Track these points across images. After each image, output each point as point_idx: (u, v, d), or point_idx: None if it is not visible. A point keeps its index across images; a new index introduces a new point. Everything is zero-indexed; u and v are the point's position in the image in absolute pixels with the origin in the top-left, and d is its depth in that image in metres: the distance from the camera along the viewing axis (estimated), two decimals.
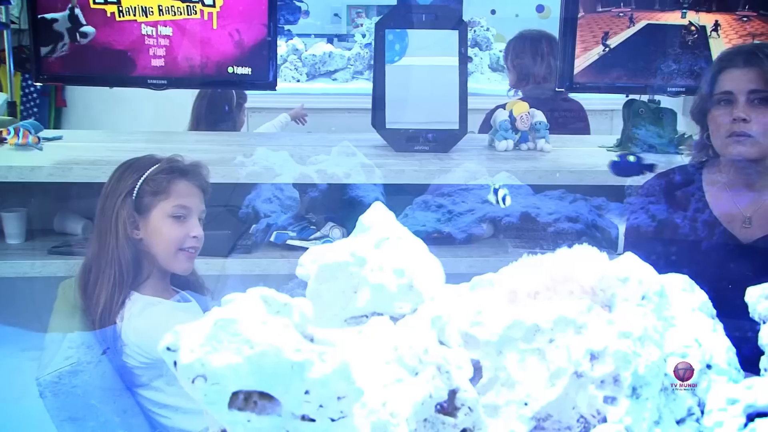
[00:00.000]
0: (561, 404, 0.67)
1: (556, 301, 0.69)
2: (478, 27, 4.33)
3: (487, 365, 0.70)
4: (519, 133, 2.73)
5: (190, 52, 2.55)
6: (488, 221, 1.93)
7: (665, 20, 2.86)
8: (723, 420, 0.65)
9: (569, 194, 2.00)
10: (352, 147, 1.82)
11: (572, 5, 2.74)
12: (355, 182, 1.82)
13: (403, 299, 0.68)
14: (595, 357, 0.66)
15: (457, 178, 2.02)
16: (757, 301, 0.77)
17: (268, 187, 1.79)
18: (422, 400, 0.60)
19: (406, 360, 0.61)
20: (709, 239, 1.59)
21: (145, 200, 1.65)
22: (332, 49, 4.24)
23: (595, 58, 2.90)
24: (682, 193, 1.66)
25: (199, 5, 2.55)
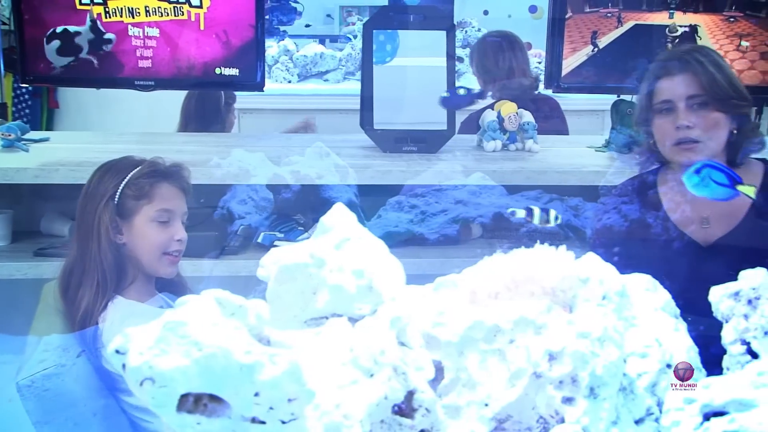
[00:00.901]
0: (521, 405, 0.67)
1: (517, 301, 0.69)
2: (469, 27, 4.34)
3: (448, 366, 0.70)
4: (507, 134, 2.73)
5: (177, 54, 2.55)
6: (463, 221, 1.93)
7: (653, 21, 2.86)
8: (680, 419, 0.65)
9: (546, 194, 2.00)
10: (325, 148, 1.82)
11: (560, 6, 2.74)
12: (330, 183, 1.82)
13: (363, 300, 0.68)
14: (554, 357, 0.66)
15: (432, 179, 2.02)
16: (720, 300, 0.78)
17: (243, 188, 1.79)
18: (377, 402, 0.60)
19: (361, 361, 0.61)
20: (670, 242, 1.60)
21: (128, 204, 1.64)
22: (323, 50, 4.24)
23: (584, 58, 2.90)
24: (640, 200, 1.68)
25: (186, 6, 2.55)
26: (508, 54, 3.16)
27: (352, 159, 2.49)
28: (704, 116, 1.55)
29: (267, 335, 0.60)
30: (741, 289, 0.78)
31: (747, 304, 0.77)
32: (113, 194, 1.63)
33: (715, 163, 1.21)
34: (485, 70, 3.12)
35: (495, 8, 5.12)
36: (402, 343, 0.69)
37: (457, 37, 4.31)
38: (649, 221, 1.65)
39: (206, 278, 2.11)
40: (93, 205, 1.64)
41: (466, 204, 1.87)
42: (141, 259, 1.64)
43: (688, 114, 1.56)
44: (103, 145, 2.59)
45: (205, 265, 2.13)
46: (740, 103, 1.58)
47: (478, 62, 3.16)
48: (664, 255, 1.62)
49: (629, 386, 0.68)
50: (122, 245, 1.64)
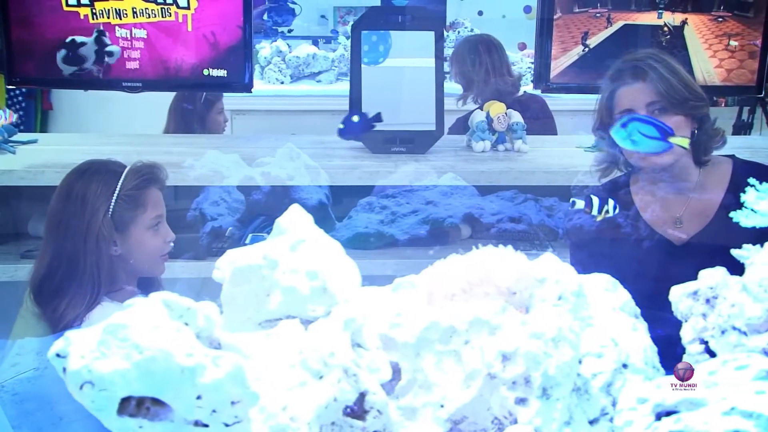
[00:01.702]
0: (476, 406, 0.67)
1: (472, 302, 0.69)
2: (461, 28, 4.34)
3: (405, 367, 0.70)
4: (496, 134, 2.73)
5: (164, 55, 2.55)
6: (432, 222, 1.93)
7: (642, 20, 2.86)
8: (633, 419, 0.65)
9: (521, 195, 2.00)
10: (296, 149, 1.82)
11: (548, 6, 2.74)
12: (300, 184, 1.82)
13: (317, 302, 0.68)
14: (507, 358, 0.66)
15: (404, 179, 2.02)
16: (680, 299, 0.78)
17: (216, 189, 1.79)
18: (326, 404, 0.60)
19: (310, 363, 0.61)
20: (644, 242, 1.61)
21: (124, 217, 1.61)
22: (316, 51, 4.24)
23: (574, 58, 2.90)
24: (613, 200, 1.68)
25: (173, 8, 2.55)
26: (484, 57, 3.17)
27: (341, 160, 2.49)
28: (665, 121, 1.56)
29: (217, 338, 0.60)
30: (699, 289, 0.78)
31: (705, 304, 0.77)
32: (107, 208, 1.59)
33: (642, 115, 1.19)
34: (462, 74, 3.14)
35: (489, 9, 5.13)
36: (358, 345, 0.69)
37: (450, 38, 4.31)
38: (622, 221, 1.66)
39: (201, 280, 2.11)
40: (81, 216, 1.59)
41: (436, 204, 1.87)
42: (137, 266, 1.64)
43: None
44: (91, 147, 2.60)
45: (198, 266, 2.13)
46: (698, 104, 1.60)
47: (456, 67, 3.18)
48: (638, 255, 1.63)
49: (584, 386, 0.68)
50: (117, 256, 1.62)
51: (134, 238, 1.62)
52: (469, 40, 3.23)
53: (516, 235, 1.91)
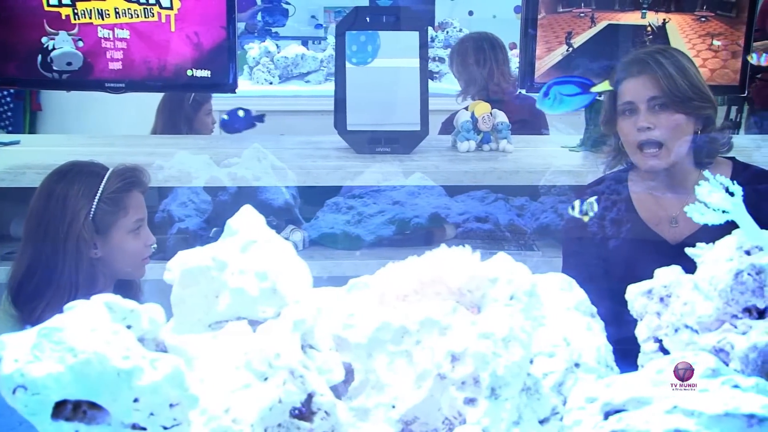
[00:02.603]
0: (427, 406, 0.67)
1: (424, 302, 0.69)
2: (450, 28, 4.34)
3: (358, 368, 0.70)
4: (481, 134, 2.73)
5: (148, 55, 2.54)
6: (399, 222, 1.93)
7: (626, 20, 2.87)
8: (581, 418, 0.64)
9: (491, 195, 2.01)
10: (263, 150, 1.81)
11: (532, 6, 2.75)
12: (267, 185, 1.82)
13: (266, 303, 0.68)
14: (456, 358, 0.66)
15: (371, 180, 2.02)
16: (635, 298, 0.78)
17: (184, 190, 1.79)
18: (270, 405, 0.59)
19: (254, 365, 0.61)
20: (640, 242, 1.61)
21: (105, 220, 1.60)
22: (305, 51, 4.24)
23: (559, 58, 2.90)
24: (611, 199, 1.68)
25: (156, 8, 2.54)
26: (489, 54, 3.17)
27: (325, 161, 2.49)
28: (665, 118, 1.55)
29: (162, 339, 0.60)
30: (653, 288, 0.78)
31: (659, 302, 0.77)
32: (88, 211, 1.58)
33: (559, 78, 1.19)
34: (467, 71, 3.12)
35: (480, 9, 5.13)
36: (310, 346, 0.69)
37: (438, 37, 4.31)
38: (620, 220, 1.66)
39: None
40: (62, 218, 1.58)
41: (403, 205, 1.87)
42: (117, 269, 1.63)
43: (649, 115, 1.57)
44: (74, 148, 2.59)
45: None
46: (702, 105, 1.58)
47: (459, 64, 3.16)
48: (634, 253, 1.62)
49: (534, 386, 0.68)
50: (97, 259, 1.61)
51: (115, 241, 1.62)
52: (472, 38, 3.21)
53: (482, 234, 1.91)
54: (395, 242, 2.36)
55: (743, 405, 0.58)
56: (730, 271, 0.72)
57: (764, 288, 0.72)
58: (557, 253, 2.50)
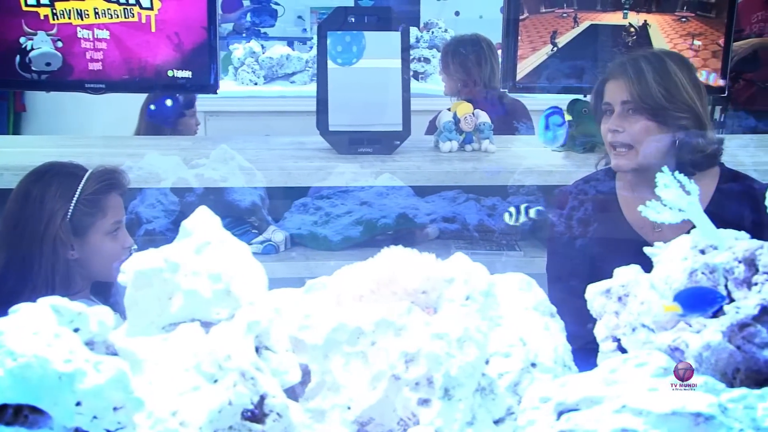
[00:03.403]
0: (382, 407, 0.66)
1: (380, 303, 0.69)
2: (435, 28, 4.34)
3: (315, 369, 0.70)
4: (463, 134, 2.73)
5: (128, 56, 2.52)
6: (366, 223, 1.93)
7: (608, 20, 2.88)
8: (535, 418, 0.64)
9: (463, 195, 2.01)
10: (230, 151, 1.81)
11: (514, 7, 2.75)
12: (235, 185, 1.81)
13: (220, 305, 0.68)
14: (410, 359, 0.65)
15: (339, 181, 2.02)
16: (593, 298, 0.78)
17: (152, 192, 1.78)
18: (219, 408, 0.59)
19: (204, 367, 0.61)
20: (623, 243, 1.60)
21: (83, 221, 1.59)
22: (290, 52, 4.23)
23: (543, 58, 2.91)
24: (598, 199, 1.67)
25: (136, 8, 2.53)
26: (488, 56, 3.17)
27: (307, 161, 2.49)
28: (635, 123, 1.54)
29: (112, 342, 0.59)
30: (612, 287, 0.78)
31: (617, 301, 0.77)
32: (66, 212, 1.57)
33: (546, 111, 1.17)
34: (465, 71, 3.12)
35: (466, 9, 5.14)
36: (266, 347, 0.68)
37: (424, 38, 4.32)
38: (605, 220, 1.65)
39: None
40: (39, 219, 1.57)
41: (371, 205, 1.87)
42: (95, 271, 1.62)
43: (620, 119, 1.57)
44: (54, 149, 2.57)
45: None
46: (678, 115, 1.54)
47: (455, 63, 3.16)
48: (616, 254, 1.62)
49: (489, 386, 0.68)
50: (74, 260, 1.60)
51: (92, 242, 1.61)
52: (470, 39, 3.22)
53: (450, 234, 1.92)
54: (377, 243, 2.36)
55: (690, 404, 0.59)
56: (685, 270, 0.73)
57: (718, 287, 0.72)
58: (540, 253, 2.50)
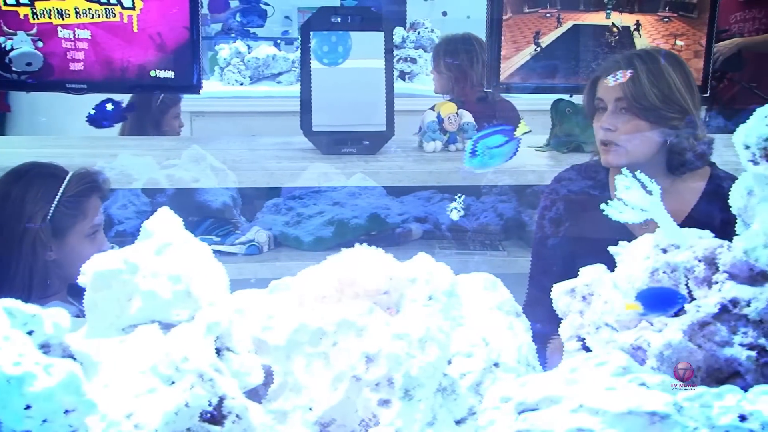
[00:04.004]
0: (344, 408, 0.66)
1: (342, 304, 0.69)
2: (422, 29, 4.34)
3: (277, 370, 0.70)
4: (447, 134, 2.74)
5: (110, 56, 2.51)
6: (337, 223, 1.93)
7: (591, 21, 2.89)
8: (495, 418, 0.64)
9: (438, 194, 2.01)
10: (201, 151, 1.80)
11: (497, 6, 2.76)
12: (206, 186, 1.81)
13: (180, 306, 0.67)
14: (371, 360, 0.65)
15: (310, 181, 2.02)
16: (559, 297, 0.78)
17: (124, 193, 1.77)
18: (175, 410, 0.59)
19: (160, 369, 0.60)
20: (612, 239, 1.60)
21: (63, 222, 1.58)
22: (276, 52, 4.22)
23: (527, 58, 2.92)
24: (590, 192, 1.67)
25: (118, 8, 2.52)
26: (482, 55, 3.18)
27: (290, 162, 2.48)
28: (627, 122, 1.54)
29: (68, 344, 0.59)
30: (576, 286, 0.78)
31: (582, 301, 0.78)
32: (46, 213, 1.56)
33: (480, 133, 1.16)
34: (460, 69, 3.13)
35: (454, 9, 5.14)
36: (228, 348, 0.68)
37: (410, 38, 4.32)
38: (593, 217, 1.65)
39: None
40: (18, 219, 1.56)
41: (343, 205, 1.87)
42: (72, 273, 1.60)
43: (612, 116, 1.57)
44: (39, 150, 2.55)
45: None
46: (671, 116, 1.54)
47: (444, 64, 3.16)
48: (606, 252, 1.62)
49: (451, 386, 0.68)
50: (51, 261, 1.59)
51: (71, 244, 1.60)
52: (463, 38, 3.22)
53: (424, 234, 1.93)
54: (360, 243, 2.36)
55: (646, 403, 0.59)
56: (646, 269, 0.73)
57: (679, 286, 0.73)
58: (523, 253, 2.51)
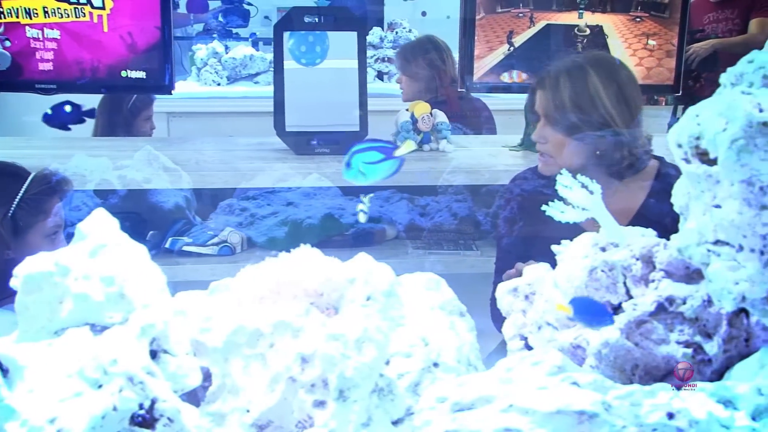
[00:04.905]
0: (280, 410, 0.66)
1: (280, 305, 0.68)
2: (400, 28, 4.34)
3: (215, 372, 0.69)
4: (421, 134, 2.74)
5: (79, 56, 2.48)
6: (291, 224, 1.92)
7: (564, 20, 2.91)
8: (431, 419, 0.64)
9: (397, 194, 2.01)
10: (154, 152, 1.79)
11: (470, 7, 2.77)
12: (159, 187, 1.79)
13: (113, 308, 0.66)
14: (306, 361, 0.65)
15: (267, 181, 2.01)
16: (502, 296, 0.78)
17: (78, 194, 1.76)
18: (102, 414, 0.58)
19: (88, 372, 0.59)
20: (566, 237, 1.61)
21: (23, 221, 1.57)
22: (253, 52, 4.20)
23: (501, 57, 2.93)
24: (543, 192, 1.68)
25: (87, 7, 2.49)
26: (444, 55, 3.19)
27: (263, 162, 2.47)
28: (552, 135, 1.57)
29: None
30: (519, 286, 0.78)
31: (524, 300, 0.78)
32: (6, 211, 1.55)
33: (359, 145, 1.14)
34: (436, 71, 3.14)
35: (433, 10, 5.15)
36: (165, 351, 0.67)
37: (388, 38, 4.32)
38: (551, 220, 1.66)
39: None
40: None
41: (297, 206, 1.87)
42: None
43: (542, 128, 1.61)
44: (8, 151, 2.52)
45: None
46: (593, 130, 1.53)
47: (402, 68, 3.18)
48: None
49: (388, 387, 0.67)
50: (9, 260, 1.57)
51: (31, 244, 1.58)
52: (429, 39, 3.24)
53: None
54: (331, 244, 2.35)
55: (575, 402, 0.59)
56: (585, 268, 0.73)
57: (617, 284, 0.73)
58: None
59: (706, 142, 0.63)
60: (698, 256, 0.65)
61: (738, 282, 0.62)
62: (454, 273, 2.49)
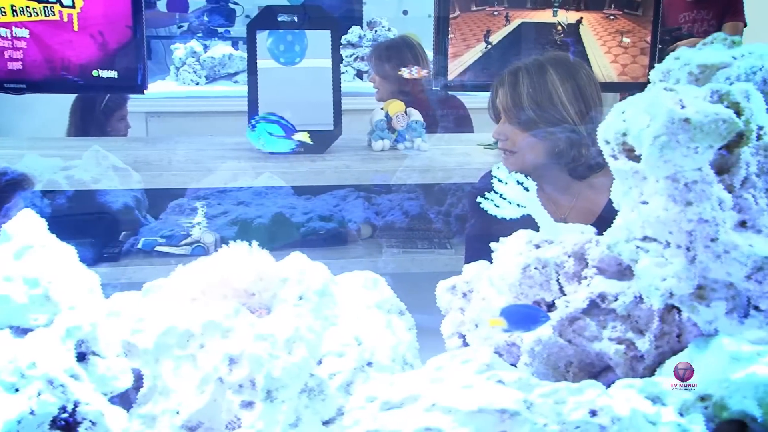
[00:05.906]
0: (210, 411, 0.65)
1: (210, 305, 0.67)
2: (379, 27, 4.33)
3: (147, 374, 0.68)
4: (396, 133, 2.74)
5: (50, 55, 2.46)
6: (241, 223, 1.91)
7: (539, 18, 2.91)
8: (360, 418, 0.64)
9: (354, 193, 2.01)
10: (103, 151, 1.78)
11: (444, 5, 2.77)
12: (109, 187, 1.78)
13: (38, 310, 0.65)
14: (234, 361, 0.64)
15: (220, 180, 2.01)
16: (441, 294, 0.77)
17: (27, 195, 1.74)
18: (18, 418, 0.57)
19: (3, 376, 0.58)
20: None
21: None
22: (232, 51, 4.18)
23: (478, 55, 2.93)
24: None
25: (57, 6, 2.47)
26: (418, 54, 3.20)
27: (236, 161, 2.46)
28: (512, 133, 1.57)
29: None
30: (457, 283, 0.78)
31: (462, 298, 0.77)
32: None
33: (269, 115, 1.15)
34: (382, 75, 3.15)
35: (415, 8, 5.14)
36: (94, 353, 0.66)
37: (367, 36, 4.31)
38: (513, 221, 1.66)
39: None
40: None
41: (248, 205, 1.86)
42: None
43: (502, 126, 1.61)
44: None
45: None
46: (551, 128, 1.54)
47: (375, 68, 3.19)
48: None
49: (318, 387, 0.67)
50: None
51: None
52: (402, 39, 3.25)
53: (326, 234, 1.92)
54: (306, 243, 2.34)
55: (497, 400, 0.58)
56: (518, 265, 0.73)
57: (550, 281, 0.73)
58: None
59: (632, 139, 0.63)
60: (627, 252, 0.65)
61: (665, 278, 0.62)
62: (429, 272, 2.49)
